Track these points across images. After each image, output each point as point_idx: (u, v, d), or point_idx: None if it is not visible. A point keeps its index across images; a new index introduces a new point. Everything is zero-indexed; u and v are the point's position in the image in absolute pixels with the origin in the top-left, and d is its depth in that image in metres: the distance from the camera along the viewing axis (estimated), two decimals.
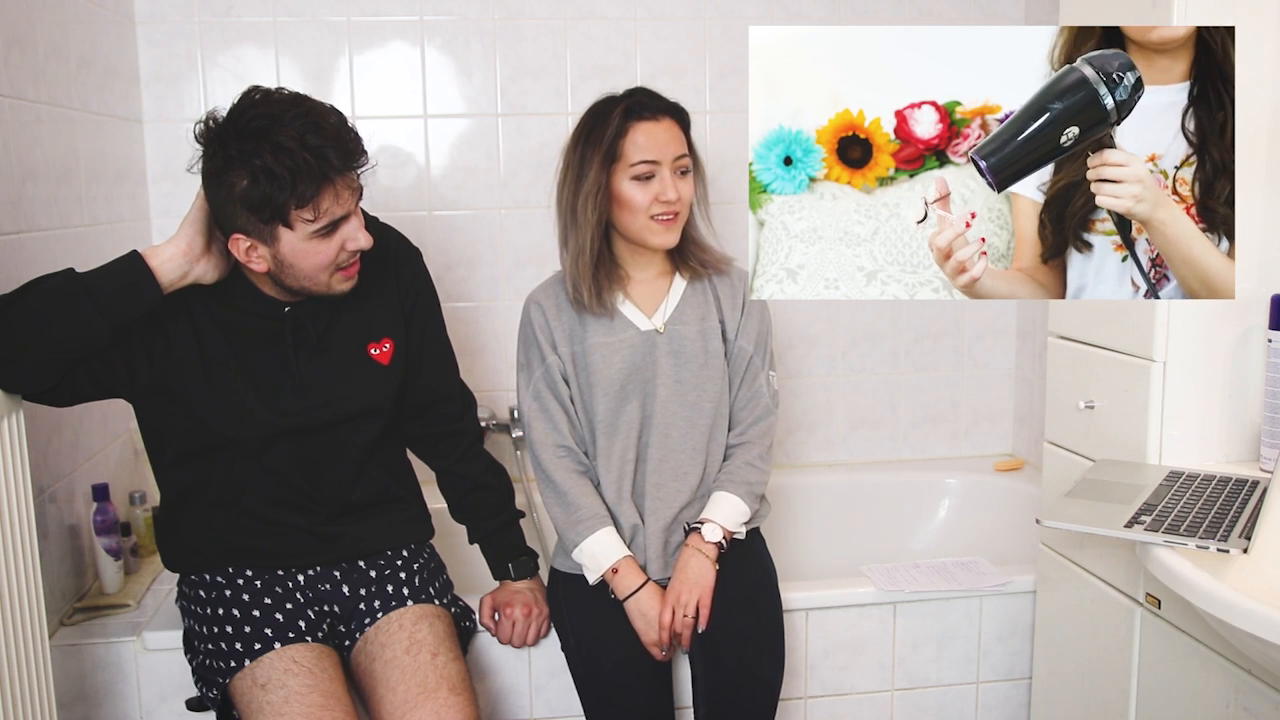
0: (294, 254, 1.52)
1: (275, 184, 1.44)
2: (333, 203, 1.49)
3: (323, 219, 1.49)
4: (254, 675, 1.58)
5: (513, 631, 1.83)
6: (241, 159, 1.44)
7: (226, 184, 1.46)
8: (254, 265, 1.54)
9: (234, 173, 1.45)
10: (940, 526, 2.64)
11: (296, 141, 1.43)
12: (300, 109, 1.47)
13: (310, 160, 1.44)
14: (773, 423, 1.86)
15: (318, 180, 1.46)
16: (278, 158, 1.43)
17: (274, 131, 1.43)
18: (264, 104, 1.47)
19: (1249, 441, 1.67)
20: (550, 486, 1.80)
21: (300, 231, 1.49)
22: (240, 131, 1.45)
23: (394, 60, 2.42)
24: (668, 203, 1.71)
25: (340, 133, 1.48)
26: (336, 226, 1.52)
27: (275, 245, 1.51)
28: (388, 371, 1.72)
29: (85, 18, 2.05)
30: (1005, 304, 2.72)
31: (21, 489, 1.51)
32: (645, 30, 2.48)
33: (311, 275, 1.55)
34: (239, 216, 1.48)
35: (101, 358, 1.54)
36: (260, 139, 1.43)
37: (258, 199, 1.45)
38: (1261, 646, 1.19)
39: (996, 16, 2.59)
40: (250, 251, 1.52)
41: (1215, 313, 1.62)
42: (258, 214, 1.47)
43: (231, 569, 1.71)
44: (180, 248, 1.52)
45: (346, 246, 1.54)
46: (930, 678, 2.03)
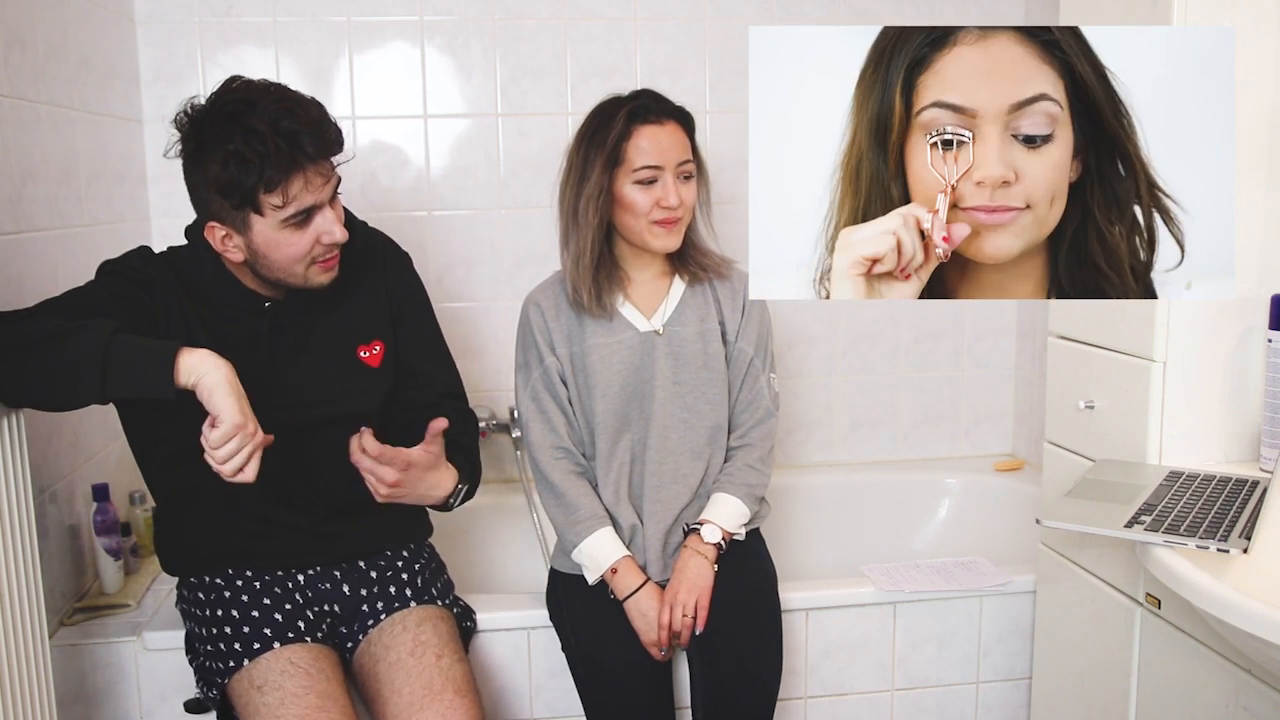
0: (267, 244, 1.51)
1: (244, 168, 1.43)
2: (302, 189, 1.48)
3: (291, 205, 1.48)
4: (251, 676, 1.58)
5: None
6: (215, 142, 1.44)
7: (201, 168, 1.47)
8: (230, 255, 1.54)
9: (207, 157, 1.45)
10: (940, 526, 2.64)
11: (269, 125, 1.43)
12: (277, 95, 1.47)
13: (281, 145, 1.44)
14: (774, 425, 1.86)
15: (287, 165, 1.45)
16: (248, 141, 1.43)
17: (246, 115, 1.44)
18: (242, 90, 1.47)
19: (1249, 441, 1.67)
20: (548, 488, 1.80)
21: (271, 219, 1.49)
22: (215, 115, 1.45)
23: (394, 60, 2.42)
24: (669, 208, 1.70)
25: (318, 121, 1.48)
26: (310, 216, 1.51)
27: (249, 234, 1.50)
28: (378, 374, 1.71)
29: (85, 18, 2.05)
30: (1005, 304, 2.72)
31: (21, 489, 1.50)
32: (645, 30, 2.48)
33: (286, 267, 1.54)
34: (213, 202, 1.48)
35: None
36: (232, 122, 1.44)
37: (227, 183, 1.45)
38: (1261, 646, 1.19)
39: (996, 16, 2.59)
40: (226, 240, 1.52)
41: (1215, 313, 1.62)
42: (229, 199, 1.47)
43: (231, 570, 1.71)
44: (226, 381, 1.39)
45: (321, 240, 1.53)
46: (930, 678, 2.03)
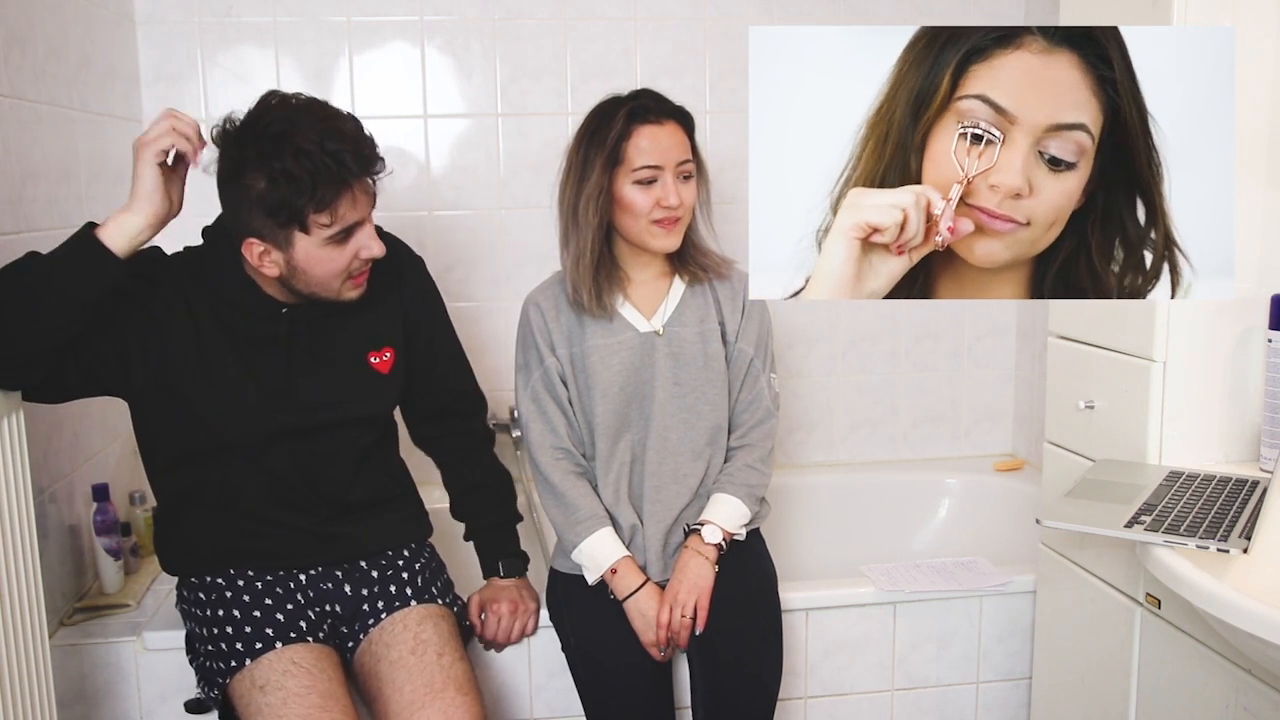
0: (308, 260, 1.52)
1: (295, 187, 1.44)
2: (349, 208, 1.50)
3: (338, 224, 1.50)
4: (252, 676, 1.58)
5: (498, 628, 1.82)
6: (260, 161, 1.44)
7: (243, 186, 1.46)
8: (265, 270, 1.54)
9: (251, 175, 1.45)
10: (940, 526, 2.64)
11: (316, 145, 1.44)
12: (319, 114, 1.48)
13: (329, 164, 1.44)
14: (774, 426, 1.86)
15: (337, 184, 1.46)
16: (298, 161, 1.43)
17: (293, 135, 1.43)
18: (282, 108, 1.47)
19: (1249, 441, 1.67)
20: (548, 488, 1.80)
21: (316, 237, 1.50)
22: (259, 134, 1.45)
23: (394, 60, 2.42)
24: (669, 208, 1.70)
25: (358, 138, 1.49)
26: (350, 233, 1.53)
27: (289, 250, 1.51)
28: (387, 380, 1.72)
29: (85, 18, 2.05)
30: (1005, 304, 2.72)
31: (21, 489, 1.51)
32: (645, 30, 2.48)
33: (324, 282, 1.56)
34: (254, 220, 1.48)
35: (91, 348, 1.54)
36: (280, 142, 1.43)
37: (276, 202, 1.45)
38: (1261, 646, 1.19)
39: (996, 16, 2.59)
40: (263, 256, 1.52)
41: (1215, 313, 1.62)
42: (274, 217, 1.47)
43: (232, 570, 1.71)
44: (140, 222, 1.48)
45: (360, 254, 1.55)
46: (930, 678, 2.03)
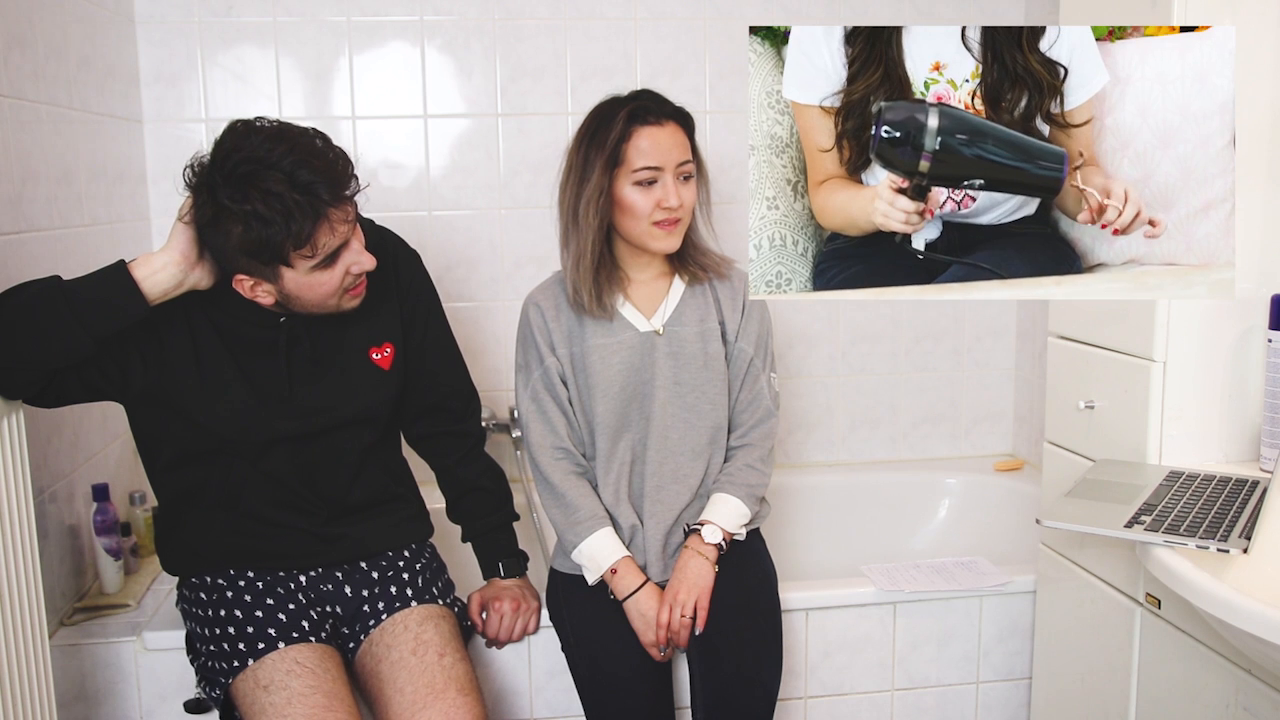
0: (299, 287, 1.52)
1: (270, 228, 1.43)
2: (329, 236, 1.48)
3: (321, 253, 1.49)
4: (256, 676, 1.58)
5: (500, 625, 1.82)
6: (233, 205, 1.42)
7: (222, 232, 1.45)
8: (260, 300, 1.54)
9: (227, 221, 1.44)
10: (940, 526, 2.64)
11: (285, 184, 1.41)
12: (287, 144, 1.44)
13: (300, 200, 1.42)
14: (774, 425, 1.86)
15: (313, 218, 1.45)
16: (268, 204, 1.41)
17: (261, 176, 1.41)
18: (247, 143, 1.43)
19: (1249, 441, 1.67)
20: (548, 488, 1.80)
21: (301, 268, 1.50)
22: (228, 177, 1.42)
23: (394, 60, 2.42)
24: (669, 209, 1.70)
25: (328, 163, 1.46)
26: (336, 256, 1.52)
27: (279, 283, 1.51)
28: (388, 376, 1.72)
29: (85, 18, 2.05)
30: (1005, 304, 2.73)
31: (21, 489, 1.51)
32: (645, 30, 2.48)
33: (319, 303, 1.56)
34: (238, 260, 1.48)
35: (94, 363, 1.54)
36: (248, 185, 1.41)
37: (254, 245, 1.44)
38: (1261, 646, 1.19)
39: (997, 17, 2.59)
40: (255, 289, 1.53)
41: (1215, 313, 1.62)
42: (257, 258, 1.47)
43: (233, 570, 1.71)
44: (173, 257, 1.49)
45: (350, 271, 1.55)
46: (930, 678, 2.03)
